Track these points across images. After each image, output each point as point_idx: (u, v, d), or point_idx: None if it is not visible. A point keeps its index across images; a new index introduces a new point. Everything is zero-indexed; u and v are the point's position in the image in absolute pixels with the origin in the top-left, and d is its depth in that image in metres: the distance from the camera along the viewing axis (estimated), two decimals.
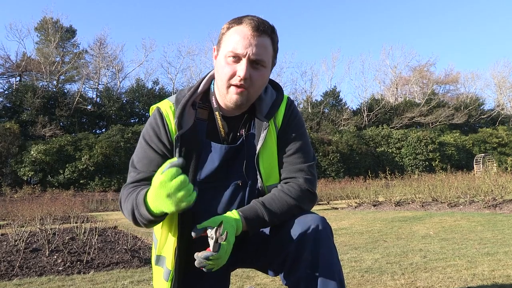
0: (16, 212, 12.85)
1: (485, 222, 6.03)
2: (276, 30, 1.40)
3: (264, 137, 1.43)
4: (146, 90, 41.73)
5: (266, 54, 1.35)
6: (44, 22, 42.81)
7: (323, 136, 37.78)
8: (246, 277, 3.11)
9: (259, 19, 1.35)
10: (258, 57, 1.33)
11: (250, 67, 1.33)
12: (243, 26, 1.33)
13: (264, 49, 1.34)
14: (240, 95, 1.36)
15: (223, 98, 1.42)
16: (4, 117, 35.03)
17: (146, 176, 1.40)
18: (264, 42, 1.34)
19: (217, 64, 1.40)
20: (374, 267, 3.29)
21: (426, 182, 11.18)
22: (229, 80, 1.35)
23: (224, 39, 1.37)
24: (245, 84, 1.34)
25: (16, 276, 3.49)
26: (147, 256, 4.24)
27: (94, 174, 30.18)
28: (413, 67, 56.28)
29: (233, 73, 1.34)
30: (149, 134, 1.45)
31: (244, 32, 1.32)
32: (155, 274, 1.48)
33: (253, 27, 1.32)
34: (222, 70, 1.36)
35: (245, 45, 1.31)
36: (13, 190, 26.98)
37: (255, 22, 1.32)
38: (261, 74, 1.37)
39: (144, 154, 1.44)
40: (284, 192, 1.41)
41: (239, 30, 1.33)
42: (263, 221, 1.36)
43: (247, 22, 1.33)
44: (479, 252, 3.72)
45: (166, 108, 1.45)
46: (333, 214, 9.48)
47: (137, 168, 1.43)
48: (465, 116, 48.78)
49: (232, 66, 1.34)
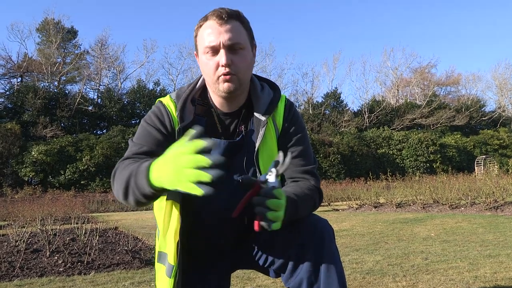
0: (17, 212, 12.85)
1: (486, 224, 6.01)
2: (242, 13, 1.42)
3: (263, 133, 1.43)
4: (147, 91, 41.75)
5: (239, 36, 1.37)
6: (46, 23, 42.87)
7: (324, 137, 37.75)
8: (247, 279, 3.11)
9: (222, 8, 1.38)
10: (233, 41, 1.34)
11: (229, 53, 1.35)
12: (209, 20, 1.36)
13: (236, 32, 1.36)
14: (230, 81, 1.37)
15: (216, 93, 1.43)
16: (5, 117, 35.05)
17: (148, 150, 1.37)
18: (233, 26, 1.36)
19: (201, 64, 1.42)
20: (376, 269, 3.28)
21: (427, 184, 11.16)
22: (215, 72, 1.37)
23: (198, 40, 1.41)
24: (231, 70, 1.35)
25: (17, 277, 3.49)
26: (148, 257, 4.23)
27: (95, 175, 30.19)
28: (414, 68, 56.22)
29: (217, 65, 1.36)
30: (151, 119, 1.44)
31: (211, 24, 1.35)
32: (158, 272, 1.47)
33: (217, 17, 1.35)
34: (206, 66, 1.38)
35: (216, 35, 1.34)
36: (14, 191, 26.98)
37: (218, 12, 1.36)
38: (242, 56, 1.38)
39: (145, 132, 1.42)
40: (303, 187, 1.41)
41: (207, 25, 1.37)
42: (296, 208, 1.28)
43: (211, 15, 1.36)
44: (481, 254, 3.71)
45: (168, 102, 1.47)
46: (334, 215, 9.47)
47: (135, 142, 1.40)
48: (466, 118, 48.71)
49: (213, 59, 1.36)
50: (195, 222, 1.44)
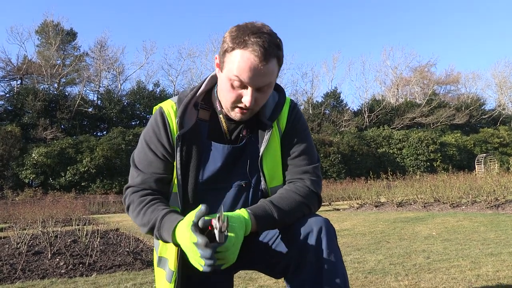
0: (18, 215, 12.85)
1: (488, 222, 6.01)
2: (281, 42, 1.31)
3: (267, 139, 1.42)
4: (147, 92, 41.76)
5: (272, 77, 1.30)
6: (45, 25, 42.89)
7: (324, 137, 37.74)
8: (249, 279, 3.11)
9: (264, 41, 1.23)
10: (265, 84, 1.29)
11: (255, 92, 1.31)
12: (249, 53, 1.23)
13: (271, 74, 1.28)
14: (244, 114, 1.36)
15: (226, 111, 1.41)
16: (5, 120, 35.05)
17: (147, 177, 1.42)
18: (270, 68, 1.26)
19: (221, 82, 1.36)
20: (378, 268, 3.28)
21: (428, 183, 11.17)
22: (233, 102, 1.34)
23: (228, 59, 1.28)
24: (250, 108, 1.33)
25: (19, 279, 3.49)
26: (149, 259, 4.23)
27: (95, 177, 30.19)
28: (414, 67, 56.23)
29: (238, 99, 1.32)
30: (149, 135, 1.46)
31: (250, 62, 1.23)
32: (158, 277, 1.47)
33: (260, 56, 1.22)
34: (226, 93, 1.34)
35: (251, 76, 1.25)
36: (14, 193, 27.00)
37: (262, 49, 1.22)
38: (266, 94, 1.35)
39: (144, 155, 1.45)
40: (292, 191, 1.40)
41: (245, 57, 1.23)
42: (272, 219, 1.31)
43: (253, 49, 1.22)
44: (482, 252, 3.71)
45: (168, 107, 1.45)
46: (335, 215, 9.46)
47: (139, 168, 1.45)
48: (466, 117, 48.71)
49: (237, 91, 1.31)
50: None
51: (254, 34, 1.24)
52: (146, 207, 1.36)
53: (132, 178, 1.46)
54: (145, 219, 1.34)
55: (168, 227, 1.26)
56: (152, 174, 1.42)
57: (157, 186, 1.43)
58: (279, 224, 1.34)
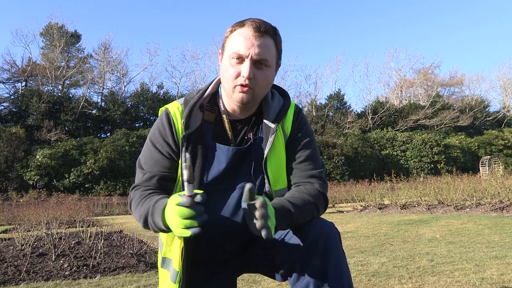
0: (22, 216, 12.91)
1: (492, 225, 5.98)
2: (278, 31, 1.42)
3: (272, 141, 1.43)
4: (151, 94, 41.86)
5: (269, 54, 1.37)
6: (50, 27, 43.10)
7: (328, 139, 37.69)
8: (252, 282, 3.11)
9: (261, 20, 1.38)
10: (261, 56, 1.35)
11: (254, 67, 1.36)
12: (245, 28, 1.36)
13: (267, 49, 1.37)
14: (246, 93, 1.38)
15: (229, 99, 1.44)
16: (10, 121, 35.23)
17: (152, 175, 1.44)
18: (266, 42, 1.37)
19: (222, 66, 1.42)
20: (381, 271, 3.27)
21: (432, 185, 11.13)
22: (234, 80, 1.38)
23: (227, 42, 1.40)
24: (250, 83, 1.36)
25: (23, 281, 3.51)
26: (153, 261, 4.24)
27: (99, 178, 30.25)
28: (418, 69, 56.03)
29: (238, 74, 1.37)
30: (155, 135, 1.48)
31: (246, 33, 1.35)
32: (162, 277, 1.47)
33: (254, 28, 1.35)
34: (227, 71, 1.39)
35: (248, 45, 1.34)
36: (19, 195, 27.12)
37: (257, 23, 1.36)
38: (265, 73, 1.39)
39: (150, 155, 1.47)
40: (303, 192, 1.41)
41: (241, 32, 1.36)
42: (290, 217, 1.30)
43: (249, 24, 1.36)
44: (487, 255, 3.69)
45: (174, 109, 1.48)
46: (339, 217, 9.45)
47: (144, 169, 1.47)
48: (470, 119, 48.52)
49: (236, 67, 1.37)
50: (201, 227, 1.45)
51: (250, 19, 1.39)
52: (143, 199, 1.38)
53: (138, 178, 1.48)
54: (142, 209, 1.36)
55: (159, 210, 1.28)
56: (157, 172, 1.44)
57: (161, 185, 1.44)
58: (293, 223, 1.34)
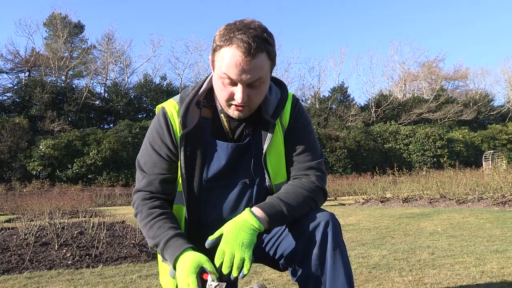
0: (25, 206, 13.00)
1: (494, 219, 5.98)
2: (270, 36, 1.29)
3: (271, 136, 1.42)
4: (154, 85, 41.86)
5: (262, 71, 1.28)
6: (53, 18, 43.03)
7: (331, 132, 37.67)
8: (253, 272, 3.12)
9: (249, 36, 1.22)
10: (254, 79, 1.27)
11: (248, 87, 1.29)
12: (234, 49, 1.22)
13: (260, 68, 1.26)
14: (241, 112, 1.35)
15: (225, 109, 1.40)
16: (13, 112, 35.35)
17: (152, 179, 1.44)
18: (258, 62, 1.25)
19: (214, 81, 1.36)
20: (382, 264, 3.28)
21: (434, 179, 11.12)
22: (227, 100, 1.33)
23: (216, 57, 1.29)
24: (244, 104, 1.32)
25: (27, 269, 3.54)
26: (155, 251, 4.26)
27: (102, 169, 30.40)
28: (422, 63, 55.79)
29: (231, 96, 1.31)
30: (153, 136, 1.47)
31: (235, 58, 1.22)
32: (162, 271, 1.49)
33: (244, 52, 1.21)
34: (219, 91, 1.34)
35: (238, 73, 1.24)
36: (22, 185, 27.31)
37: (246, 44, 1.21)
38: (259, 89, 1.33)
39: (148, 157, 1.47)
40: (298, 186, 1.41)
41: (230, 54, 1.23)
42: (282, 215, 1.32)
43: (237, 45, 1.22)
44: (487, 249, 3.70)
45: (170, 107, 1.46)
46: (341, 210, 9.46)
47: (144, 171, 1.47)
48: (474, 113, 48.32)
49: (228, 89, 1.30)
50: (201, 223, 1.47)
51: (239, 31, 1.23)
52: (153, 221, 1.38)
53: (138, 180, 1.48)
54: (151, 233, 1.36)
55: (171, 253, 1.29)
56: (157, 175, 1.44)
57: (163, 188, 1.44)
58: (288, 220, 1.34)
